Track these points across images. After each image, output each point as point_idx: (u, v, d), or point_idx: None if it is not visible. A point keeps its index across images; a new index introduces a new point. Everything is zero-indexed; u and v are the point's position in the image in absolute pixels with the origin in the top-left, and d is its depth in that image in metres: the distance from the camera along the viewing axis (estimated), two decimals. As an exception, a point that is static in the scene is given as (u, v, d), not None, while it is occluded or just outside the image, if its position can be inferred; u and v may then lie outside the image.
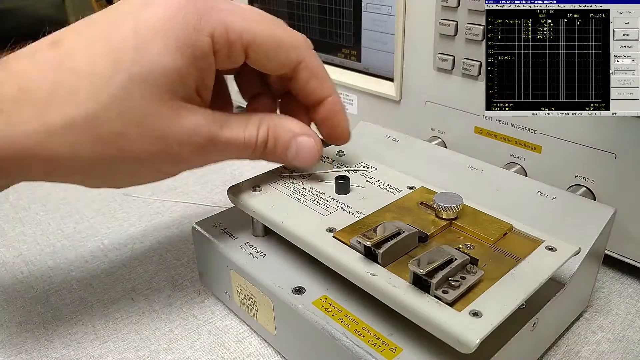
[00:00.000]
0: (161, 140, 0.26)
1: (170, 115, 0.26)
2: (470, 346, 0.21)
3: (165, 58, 0.25)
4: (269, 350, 0.32)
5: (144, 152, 0.26)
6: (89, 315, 0.35)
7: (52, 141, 0.25)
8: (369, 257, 0.26)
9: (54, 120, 0.25)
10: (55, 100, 0.25)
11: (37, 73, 0.25)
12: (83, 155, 0.26)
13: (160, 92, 0.26)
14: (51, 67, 0.25)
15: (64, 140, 0.25)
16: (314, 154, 0.31)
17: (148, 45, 0.25)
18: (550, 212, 0.31)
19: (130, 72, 0.25)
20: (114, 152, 0.26)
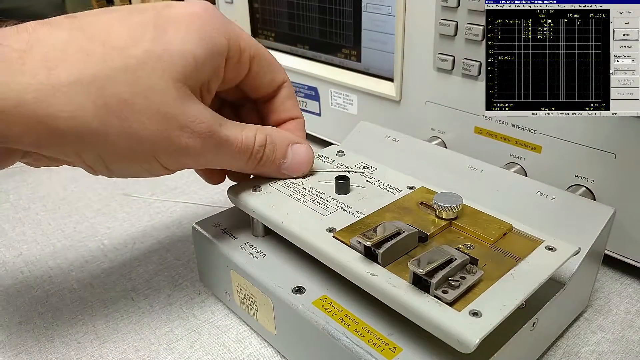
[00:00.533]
0: (164, 119, 0.26)
1: (177, 96, 0.26)
2: (470, 346, 0.21)
3: (185, 43, 0.26)
4: (269, 350, 0.32)
5: (145, 129, 0.26)
6: (89, 315, 0.35)
7: (55, 98, 0.24)
8: (369, 257, 0.26)
9: (61, 76, 0.24)
10: (66, 57, 0.24)
11: (51, 32, 0.25)
12: (83, 120, 0.24)
13: (172, 72, 0.26)
14: (67, 29, 0.25)
15: (68, 99, 0.24)
16: (308, 162, 0.33)
17: (170, 28, 0.26)
18: (550, 212, 0.31)
19: (147, 47, 0.25)
20: (115, 120, 0.25)
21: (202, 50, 0.27)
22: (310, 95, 0.55)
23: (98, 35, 0.25)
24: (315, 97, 0.54)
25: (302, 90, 0.55)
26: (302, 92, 0.55)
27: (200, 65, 0.27)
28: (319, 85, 0.53)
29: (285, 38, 0.56)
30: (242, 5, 0.58)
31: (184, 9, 0.27)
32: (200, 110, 0.27)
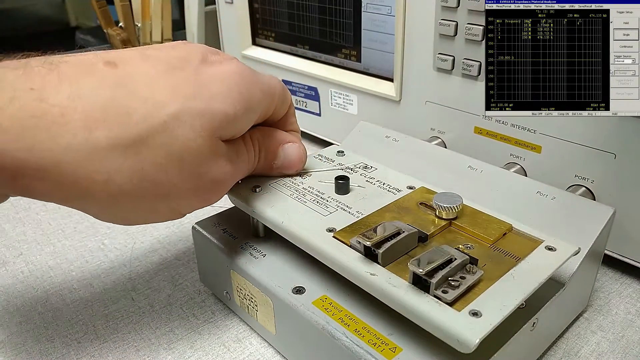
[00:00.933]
0: (197, 179, 0.26)
1: (210, 154, 0.26)
2: (469, 346, 0.21)
3: (227, 99, 0.26)
4: (269, 350, 0.32)
5: (176, 188, 0.26)
6: (89, 315, 0.35)
7: (93, 161, 0.23)
8: (369, 257, 0.26)
9: (100, 139, 0.23)
10: (107, 118, 0.23)
11: (94, 86, 0.24)
12: (116, 184, 0.24)
13: (210, 128, 0.26)
14: (109, 85, 0.24)
15: (105, 163, 0.23)
16: (300, 159, 0.33)
17: (211, 85, 0.26)
18: (550, 212, 0.31)
19: (188, 104, 0.25)
20: (147, 185, 0.25)
21: (241, 106, 0.27)
22: (310, 95, 0.55)
23: (141, 89, 0.25)
24: (315, 97, 0.54)
25: (302, 90, 0.55)
26: (302, 92, 0.55)
27: (238, 120, 0.27)
28: (319, 85, 0.53)
29: (285, 38, 0.56)
30: (242, 6, 0.58)
31: (224, 68, 0.28)
32: (228, 161, 0.28)
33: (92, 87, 0.24)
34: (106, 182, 0.24)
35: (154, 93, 0.25)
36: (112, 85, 0.24)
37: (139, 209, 0.26)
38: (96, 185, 0.24)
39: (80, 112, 0.23)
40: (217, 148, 0.27)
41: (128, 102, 0.24)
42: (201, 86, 0.26)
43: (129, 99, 0.24)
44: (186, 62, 0.27)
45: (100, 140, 0.23)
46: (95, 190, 0.24)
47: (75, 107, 0.23)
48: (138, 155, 0.24)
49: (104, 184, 0.24)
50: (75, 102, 0.23)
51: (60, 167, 0.23)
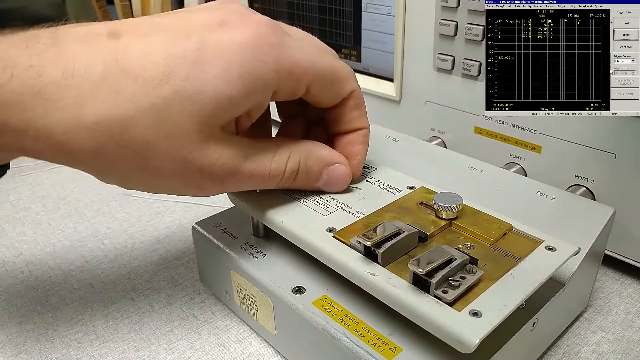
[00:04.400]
0: (182, 163, 0.26)
1: (198, 139, 0.26)
2: (470, 346, 0.21)
3: (221, 82, 0.25)
4: (269, 350, 0.32)
5: (163, 169, 0.26)
6: (89, 315, 0.35)
7: (81, 135, 0.25)
8: (369, 257, 0.26)
9: (89, 116, 0.24)
10: (95, 96, 0.24)
11: (88, 62, 0.25)
12: (106, 157, 0.25)
13: (200, 114, 0.25)
14: (104, 60, 0.25)
15: (92, 138, 0.25)
16: (344, 182, 0.31)
17: (207, 65, 0.25)
18: (550, 212, 0.31)
19: (179, 86, 0.25)
20: (136, 160, 0.26)
21: (239, 90, 0.25)
22: (310, 95, 0.55)
23: (133, 69, 0.25)
24: (315, 97, 0.54)
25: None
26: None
27: (235, 104, 0.26)
28: (319, 85, 0.53)
29: (285, 38, 0.56)
30: (242, 5, 0.58)
31: (233, 37, 0.26)
32: (222, 151, 0.27)
33: (87, 63, 0.24)
34: (95, 153, 0.25)
35: (147, 71, 0.25)
36: (106, 61, 0.25)
37: (133, 179, 0.27)
38: (87, 155, 0.25)
39: (72, 89, 0.24)
40: (208, 137, 0.26)
41: (118, 80, 0.24)
42: (197, 65, 0.25)
43: (120, 77, 0.25)
44: (196, 29, 0.26)
45: (88, 117, 0.24)
46: (87, 159, 0.26)
47: (68, 85, 0.24)
48: (125, 132, 0.25)
49: (93, 155, 0.25)
50: (69, 80, 0.24)
51: (54, 138, 0.25)
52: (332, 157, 0.31)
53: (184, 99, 0.25)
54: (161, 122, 0.25)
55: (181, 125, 0.25)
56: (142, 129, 0.25)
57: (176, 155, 0.26)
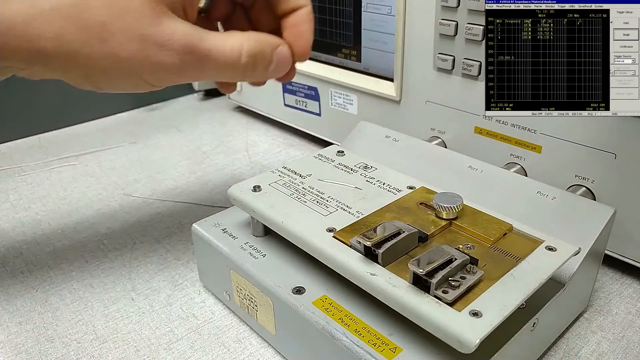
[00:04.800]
0: (140, 40, 0.27)
1: (152, 15, 0.27)
2: (470, 346, 0.21)
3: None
4: (269, 350, 0.32)
5: (124, 49, 0.27)
6: (89, 315, 0.35)
7: (40, 22, 0.26)
8: (369, 257, 0.26)
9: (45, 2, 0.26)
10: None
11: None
12: (65, 41, 0.26)
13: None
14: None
15: (51, 23, 0.26)
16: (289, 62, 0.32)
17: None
18: (550, 212, 0.31)
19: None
20: (95, 42, 0.27)
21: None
22: (310, 95, 0.55)
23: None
24: (315, 97, 0.54)
25: (302, 90, 0.55)
26: (302, 92, 0.55)
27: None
28: (319, 85, 0.53)
29: (285, 38, 0.56)
30: (242, 5, 0.58)
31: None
32: (177, 26, 0.28)
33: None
34: (55, 39, 0.26)
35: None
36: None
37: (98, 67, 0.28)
38: (47, 43, 0.26)
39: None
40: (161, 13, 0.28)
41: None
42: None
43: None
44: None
45: (44, 4, 0.26)
46: (49, 50, 0.27)
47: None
48: (80, 14, 0.26)
49: (54, 42, 0.26)
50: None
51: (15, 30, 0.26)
52: (277, 40, 0.32)
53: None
54: (112, 2, 0.27)
55: (132, 4, 0.27)
56: (95, 9, 0.27)
57: (133, 33, 0.27)
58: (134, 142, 0.60)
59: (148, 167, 0.54)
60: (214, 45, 0.29)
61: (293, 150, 0.57)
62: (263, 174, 0.34)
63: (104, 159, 0.57)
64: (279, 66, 0.32)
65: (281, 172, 0.34)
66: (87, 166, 0.55)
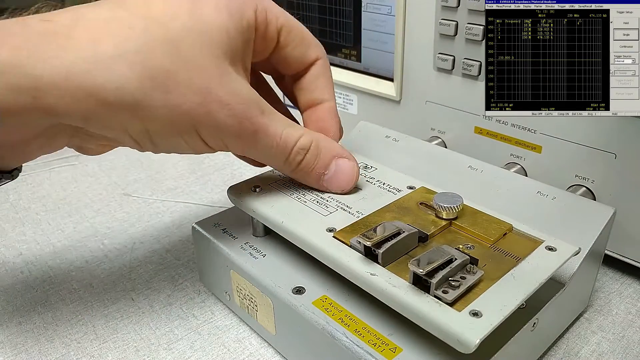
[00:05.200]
0: (204, 94, 0.26)
1: (217, 72, 0.27)
2: (470, 346, 0.21)
3: (217, 17, 0.27)
4: (269, 350, 0.32)
5: (186, 101, 0.26)
6: (89, 315, 0.35)
7: (101, 70, 0.24)
8: (369, 257, 0.26)
9: (105, 50, 0.25)
10: (110, 31, 0.25)
11: (94, 9, 0.26)
12: (128, 91, 0.25)
13: (212, 47, 0.27)
14: (108, 8, 0.26)
15: (113, 71, 0.24)
16: (351, 179, 0.31)
17: (203, 4, 0.27)
18: (550, 212, 0.31)
19: (186, 22, 0.26)
20: (158, 93, 0.25)
21: (233, 25, 0.27)
22: (310, 95, 0.55)
23: (139, 10, 0.26)
24: (315, 97, 0.54)
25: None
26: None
27: (233, 40, 0.28)
28: (319, 85, 0.53)
29: (285, 38, 0.56)
30: (242, 5, 0.58)
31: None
32: (242, 87, 0.28)
33: (92, 10, 0.26)
34: (117, 90, 0.25)
35: (152, 12, 0.26)
36: (110, 7, 0.26)
37: (160, 124, 0.26)
38: (108, 94, 0.25)
39: (84, 29, 0.25)
40: (227, 72, 0.27)
41: (128, 18, 0.26)
42: (195, 5, 0.27)
43: (129, 16, 0.26)
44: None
45: (106, 51, 0.25)
46: (110, 101, 0.25)
47: (78, 25, 0.25)
48: (145, 62, 0.25)
49: (116, 92, 0.25)
50: (79, 21, 0.25)
51: (73, 80, 0.24)
52: (342, 151, 0.31)
53: (194, 32, 0.26)
54: (177, 51, 0.26)
55: (197, 57, 0.26)
56: (162, 58, 0.25)
57: (197, 87, 0.26)
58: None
59: (148, 167, 0.54)
60: (273, 124, 0.29)
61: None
62: (263, 174, 0.34)
63: (104, 159, 0.57)
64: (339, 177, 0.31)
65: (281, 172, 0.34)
66: (87, 166, 0.55)
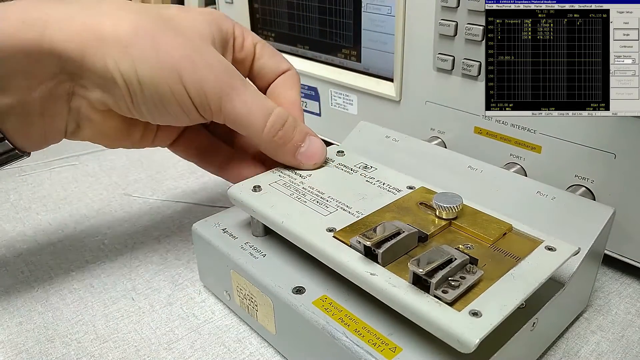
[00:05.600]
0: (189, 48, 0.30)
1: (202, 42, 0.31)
2: (470, 346, 0.21)
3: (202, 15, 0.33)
4: (269, 350, 0.32)
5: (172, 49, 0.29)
6: (90, 315, 0.35)
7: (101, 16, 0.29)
8: (369, 257, 0.26)
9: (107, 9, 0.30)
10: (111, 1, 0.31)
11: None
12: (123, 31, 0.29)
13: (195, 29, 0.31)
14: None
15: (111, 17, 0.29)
16: (323, 154, 0.35)
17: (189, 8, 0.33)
18: (550, 212, 0.31)
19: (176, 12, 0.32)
20: (149, 39, 0.29)
21: (215, 24, 0.33)
22: (310, 95, 0.55)
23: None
24: (315, 97, 0.54)
25: (302, 90, 0.55)
26: (302, 92, 0.55)
27: (216, 34, 0.32)
28: (319, 85, 0.53)
29: (285, 38, 0.56)
30: (242, 5, 0.58)
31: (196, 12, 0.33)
32: (223, 58, 0.31)
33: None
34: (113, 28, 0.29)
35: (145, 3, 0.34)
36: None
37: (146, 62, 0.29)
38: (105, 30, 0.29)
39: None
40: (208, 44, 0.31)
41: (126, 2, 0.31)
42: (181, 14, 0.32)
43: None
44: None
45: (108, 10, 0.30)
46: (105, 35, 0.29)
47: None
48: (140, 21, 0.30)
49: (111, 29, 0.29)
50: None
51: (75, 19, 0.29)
52: (311, 130, 0.35)
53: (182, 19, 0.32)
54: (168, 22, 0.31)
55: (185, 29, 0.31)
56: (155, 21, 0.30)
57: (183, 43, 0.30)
58: (134, 142, 0.60)
59: (148, 167, 0.54)
60: (254, 92, 0.32)
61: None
62: (263, 174, 0.34)
63: (105, 159, 0.57)
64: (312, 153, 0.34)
65: (281, 172, 0.34)
66: (87, 166, 0.55)
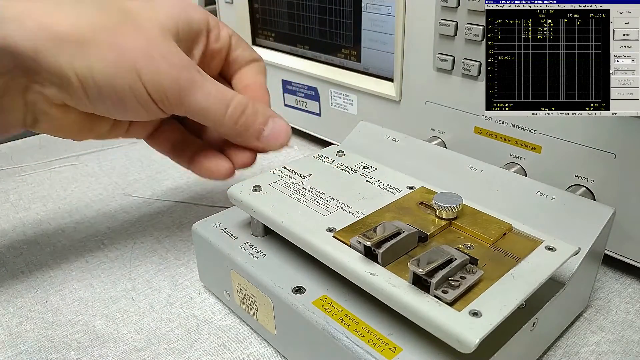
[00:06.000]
0: (147, 41, 0.29)
1: (161, 36, 0.30)
2: (470, 346, 0.21)
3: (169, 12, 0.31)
4: (269, 350, 0.32)
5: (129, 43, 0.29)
6: (90, 315, 0.35)
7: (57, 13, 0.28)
8: (369, 257, 0.26)
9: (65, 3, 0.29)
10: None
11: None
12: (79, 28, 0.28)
13: (158, 21, 0.30)
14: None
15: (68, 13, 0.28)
16: (288, 134, 0.34)
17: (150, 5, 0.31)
18: (550, 212, 0.31)
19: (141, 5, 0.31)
20: (106, 34, 0.29)
21: (182, 19, 0.32)
22: (310, 96, 0.55)
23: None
24: (315, 97, 0.54)
25: (302, 91, 0.55)
26: (302, 92, 0.55)
27: (182, 31, 0.32)
28: (319, 85, 0.53)
29: (285, 38, 0.56)
30: (242, 6, 0.58)
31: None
32: (181, 53, 0.30)
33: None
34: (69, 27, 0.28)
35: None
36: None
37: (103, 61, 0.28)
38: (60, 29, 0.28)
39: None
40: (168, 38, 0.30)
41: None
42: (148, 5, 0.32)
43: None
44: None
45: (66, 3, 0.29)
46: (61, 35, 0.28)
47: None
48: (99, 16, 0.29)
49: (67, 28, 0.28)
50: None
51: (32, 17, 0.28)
52: (275, 113, 0.34)
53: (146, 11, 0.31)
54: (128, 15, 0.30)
55: (145, 22, 0.30)
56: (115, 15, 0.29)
57: (141, 36, 0.29)
58: (134, 142, 0.60)
59: (148, 167, 0.54)
60: (210, 82, 0.31)
61: (293, 150, 0.58)
62: (263, 174, 0.34)
63: (104, 159, 0.57)
64: (277, 134, 0.33)
65: (281, 172, 0.34)
66: (87, 166, 0.55)
